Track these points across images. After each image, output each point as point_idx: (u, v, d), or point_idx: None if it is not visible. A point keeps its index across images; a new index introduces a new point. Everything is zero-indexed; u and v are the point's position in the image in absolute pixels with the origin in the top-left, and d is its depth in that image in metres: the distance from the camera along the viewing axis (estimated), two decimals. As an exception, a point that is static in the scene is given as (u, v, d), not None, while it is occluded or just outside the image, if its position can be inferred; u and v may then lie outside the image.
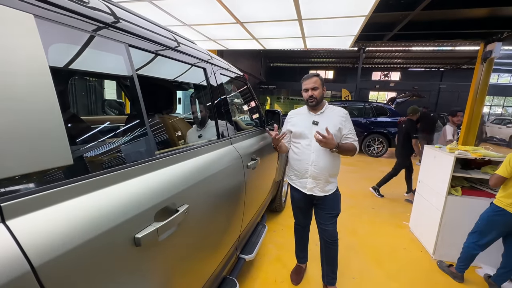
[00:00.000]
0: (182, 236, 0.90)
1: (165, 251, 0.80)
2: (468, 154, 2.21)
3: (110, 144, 0.77)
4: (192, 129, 1.33)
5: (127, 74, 0.77)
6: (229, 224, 1.34)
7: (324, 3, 2.77)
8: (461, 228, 2.15)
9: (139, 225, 0.69)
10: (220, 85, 1.42)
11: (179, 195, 0.86)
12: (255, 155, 1.75)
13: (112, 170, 0.67)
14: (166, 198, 0.79)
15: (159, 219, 0.75)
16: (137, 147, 0.82)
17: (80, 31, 0.64)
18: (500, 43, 4.45)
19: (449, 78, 16.76)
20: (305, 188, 1.68)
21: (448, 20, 4.37)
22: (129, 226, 0.65)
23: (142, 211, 0.70)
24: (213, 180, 1.11)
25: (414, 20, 4.24)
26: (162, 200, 0.78)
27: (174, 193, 0.84)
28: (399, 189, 4.33)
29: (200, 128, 1.45)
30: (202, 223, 1.05)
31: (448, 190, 2.23)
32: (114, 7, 0.79)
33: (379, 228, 2.88)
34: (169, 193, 0.81)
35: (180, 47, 1.07)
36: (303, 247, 2.02)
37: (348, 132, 1.62)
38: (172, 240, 0.83)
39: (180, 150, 0.99)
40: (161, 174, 0.83)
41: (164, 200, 0.79)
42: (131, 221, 0.66)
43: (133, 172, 0.73)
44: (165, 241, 0.78)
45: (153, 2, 2.98)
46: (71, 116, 1.08)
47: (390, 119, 7.27)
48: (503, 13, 4.06)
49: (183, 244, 0.92)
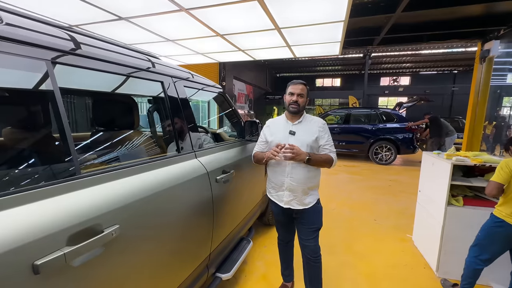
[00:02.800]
0: (117, 258, 0.84)
1: (91, 274, 0.75)
2: (467, 161, 2.03)
3: (19, 161, 0.74)
4: (149, 145, 1.29)
5: (46, 89, 0.75)
6: (190, 242, 1.27)
7: (297, 11, 2.77)
8: (465, 242, 1.94)
9: (42, 251, 0.64)
10: (183, 97, 1.39)
11: (108, 216, 0.81)
12: (229, 167, 1.68)
13: (14, 192, 0.64)
14: (86, 220, 0.75)
15: (74, 242, 0.70)
16: (55, 164, 0.78)
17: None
18: (498, 41, 4.22)
19: (463, 80, 16.13)
20: (282, 201, 1.61)
21: (442, 20, 4.21)
22: (27, 251, 0.61)
23: (47, 235, 0.65)
24: (161, 197, 1.05)
25: (402, 22, 4.14)
26: (80, 222, 0.73)
27: (99, 213, 0.79)
28: (408, 197, 4.08)
29: (158, 143, 1.42)
30: (147, 243, 0.98)
31: (447, 200, 2.05)
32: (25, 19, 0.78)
33: (380, 242, 2.69)
34: (92, 214, 0.77)
35: (122, 61, 1.05)
36: (287, 264, 1.90)
37: (325, 143, 1.57)
38: (101, 263, 0.78)
39: (120, 167, 0.95)
40: (85, 194, 0.79)
41: (84, 222, 0.74)
42: (30, 246, 0.61)
43: (44, 193, 0.69)
44: (87, 265, 0.73)
45: (129, 20, 3.09)
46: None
47: (398, 125, 7.01)
48: (499, 9, 3.87)
49: (120, 266, 0.86)
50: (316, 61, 15.18)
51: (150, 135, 1.41)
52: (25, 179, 0.74)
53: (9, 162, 0.79)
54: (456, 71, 16.57)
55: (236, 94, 12.59)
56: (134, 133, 1.23)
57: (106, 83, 1.10)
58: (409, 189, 4.59)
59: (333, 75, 18.89)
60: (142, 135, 1.29)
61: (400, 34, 4.42)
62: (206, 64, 7.61)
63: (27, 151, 0.87)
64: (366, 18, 3.87)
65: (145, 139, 1.29)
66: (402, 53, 12.64)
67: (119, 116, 1.24)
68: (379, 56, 13.75)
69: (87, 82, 0.95)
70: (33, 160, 0.83)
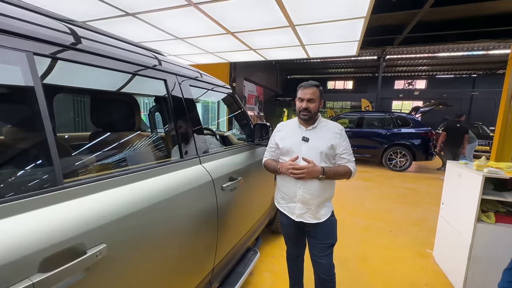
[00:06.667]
0: (103, 283, 0.73)
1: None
2: (502, 173, 1.82)
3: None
4: (147, 149, 1.18)
5: (26, 85, 0.64)
6: (191, 258, 1.15)
7: (314, 5, 2.59)
8: (497, 264, 1.73)
9: (6, 280, 0.52)
10: (188, 98, 1.27)
11: (92, 233, 0.69)
12: (236, 174, 1.55)
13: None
14: (65, 239, 0.63)
15: (47, 268, 0.58)
16: (29, 173, 0.67)
17: None
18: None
19: (482, 85, 15.45)
20: (294, 214, 1.47)
21: (469, 18, 3.89)
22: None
23: (13, 260, 0.54)
24: (159, 209, 0.93)
25: (427, 20, 3.83)
26: (57, 242, 0.62)
27: (82, 231, 0.67)
28: (425, 207, 3.83)
29: (158, 147, 1.30)
30: (140, 263, 0.86)
31: (477, 216, 1.85)
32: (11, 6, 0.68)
33: (397, 257, 2.48)
34: (72, 232, 0.65)
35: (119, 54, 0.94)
36: (297, 280, 1.75)
37: (343, 151, 1.41)
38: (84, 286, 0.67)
39: (112, 175, 0.84)
40: (66, 207, 0.67)
41: (62, 242, 0.63)
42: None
43: (12, 207, 0.58)
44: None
45: (136, 15, 3.01)
46: None
47: (414, 130, 6.69)
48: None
49: None
50: (328, 63, 14.90)
51: (151, 139, 1.30)
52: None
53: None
54: (475, 75, 15.88)
55: (246, 95, 12.50)
56: (133, 136, 1.12)
57: (102, 80, 1.00)
58: (427, 199, 4.33)
59: (346, 78, 18.50)
60: (142, 138, 1.17)
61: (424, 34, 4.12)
62: (216, 64, 7.54)
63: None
64: (388, 14, 3.61)
65: (144, 142, 1.17)
66: (419, 55, 12.18)
67: (116, 116, 1.13)
68: (394, 59, 13.34)
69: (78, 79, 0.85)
70: (1, 167, 0.72)
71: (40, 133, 0.65)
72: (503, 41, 4.23)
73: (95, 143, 1.09)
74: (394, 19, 4.08)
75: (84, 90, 1.51)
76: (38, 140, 0.65)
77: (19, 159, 0.72)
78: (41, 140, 0.65)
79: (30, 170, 0.70)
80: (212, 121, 9.51)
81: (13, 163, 0.72)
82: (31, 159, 0.69)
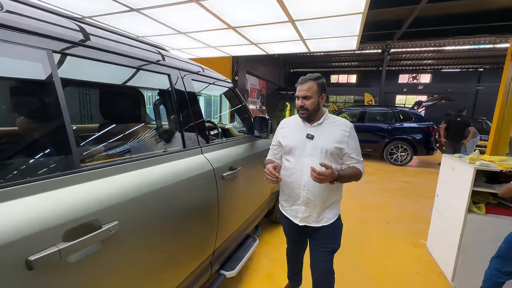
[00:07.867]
0: (116, 255, 0.83)
1: (87, 271, 0.74)
2: (493, 166, 1.88)
3: (15, 152, 0.72)
4: (152, 139, 1.27)
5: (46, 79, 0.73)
6: (193, 239, 1.25)
7: (312, 2, 2.63)
8: (485, 253, 1.82)
9: (37, 246, 0.62)
10: (190, 91, 1.35)
11: (106, 211, 0.79)
12: (236, 164, 1.64)
13: (8, 185, 0.62)
14: (83, 215, 0.73)
15: (70, 238, 0.68)
16: (51, 158, 0.76)
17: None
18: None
19: (488, 79, 15.21)
20: (297, 218, 1.39)
21: (470, 13, 3.88)
22: (21, 246, 0.59)
23: (42, 230, 0.63)
24: (164, 192, 1.02)
25: (426, 15, 3.83)
26: (77, 217, 0.71)
27: (98, 209, 0.77)
28: (423, 201, 3.91)
29: (162, 137, 1.39)
30: (148, 240, 0.96)
31: (468, 207, 1.92)
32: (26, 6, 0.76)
33: (392, 247, 2.58)
34: (89, 209, 0.75)
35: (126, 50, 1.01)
36: (295, 272, 1.78)
37: (351, 151, 1.31)
38: (99, 260, 0.77)
39: (122, 161, 0.93)
40: (83, 188, 0.77)
41: (81, 217, 0.72)
42: (24, 241, 0.60)
43: (40, 186, 0.67)
44: (83, 262, 0.72)
45: (140, 11, 3.08)
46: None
47: (416, 124, 6.70)
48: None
49: (120, 263, 0.85)
50: (331, 57, 14.77)
51: (156, 130, 1.39)
52: (21, 172, 0.73)
53: (4, 154, 0.78)
54: (481, 69, 15.62)
55: (249, 89, 12.50)
56: (139, 127, 1.20)
57: (110, 75, 1.08)
58: (425, 193, 4.40)
59: (349, 71, 18.33)
60: (147, 129, 1.26)
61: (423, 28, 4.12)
62: (219, 58, 7.56)
63: (24, 143, 0.86)
64: (386, 10, 3.63)
65: (150, 133, 1.26)
66: (424, 49, 12.02)
67: (124, 109, 1.22)
68: (399, 52, 13.17)
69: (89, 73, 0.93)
70: (29, 153, 0.82)
71: (60, 123, 0.74)
72: (503, 36, 4.20)
73: (105, 133, 1.18)
74: (393, 14, 4.08)
75: (93, 84, 1.59)
76: (59, 130, 0.74)
77: (41, 147, 0.81)
78: (61, 129, 0.74)
79: (51, 156, 0.79)
80: (214, 114, 9.60)
81: (38, 149, 0.81)
82: (54, 147, 0.78)
